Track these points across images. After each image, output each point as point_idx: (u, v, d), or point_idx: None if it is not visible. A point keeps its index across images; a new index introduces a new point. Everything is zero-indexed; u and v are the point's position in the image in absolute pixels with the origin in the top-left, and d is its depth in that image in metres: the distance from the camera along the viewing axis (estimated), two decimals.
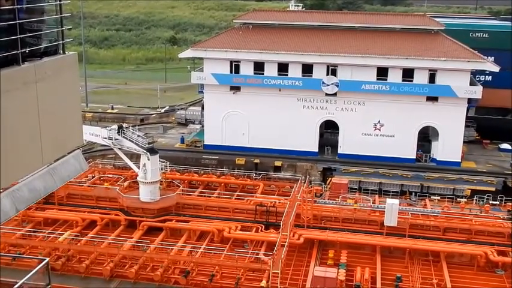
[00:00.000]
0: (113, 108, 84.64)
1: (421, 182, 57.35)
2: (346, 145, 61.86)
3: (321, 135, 64.71)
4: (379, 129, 61.20)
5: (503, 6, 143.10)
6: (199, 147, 65.68)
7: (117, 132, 42.37)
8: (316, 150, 62.80)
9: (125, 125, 45.92)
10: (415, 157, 61.26)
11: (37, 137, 9.86)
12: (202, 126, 68.64)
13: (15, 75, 9.25)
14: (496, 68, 58.50)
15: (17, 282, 9.60)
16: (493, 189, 55.02)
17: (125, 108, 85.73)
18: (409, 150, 60.99)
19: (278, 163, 60.87)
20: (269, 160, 61.28)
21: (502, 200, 47.54)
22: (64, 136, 10.96)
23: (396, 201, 40.48)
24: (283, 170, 59.66)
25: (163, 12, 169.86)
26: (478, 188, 55.13)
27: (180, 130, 73.17)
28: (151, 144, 45.09)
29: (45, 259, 10.49)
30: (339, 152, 62.50)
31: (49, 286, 10.29)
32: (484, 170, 59.22)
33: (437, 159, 60.88)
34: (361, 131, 61.43)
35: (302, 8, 79.24)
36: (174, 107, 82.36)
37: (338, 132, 62.83)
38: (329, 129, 66.57)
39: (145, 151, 42.28)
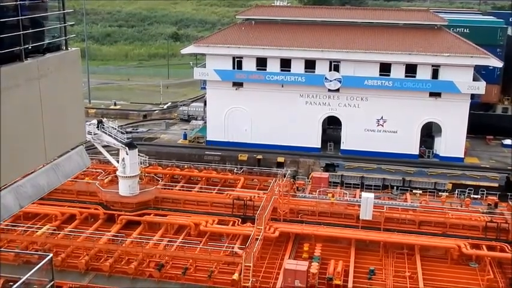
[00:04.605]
0: (115, 105, 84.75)
1: (402, 176, 57.12)
2: (349, 141, 61.80)
3: (324, 131, 64.66)
4: (382, 125, 61.10)
5: (507, 2, 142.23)
6: (201, 143, 65.67)
7: (97, 127, 42.34)
8: (319, 146, 62.76)
9: (104, 119, 45.83)
10: (418, 153, 61.19)
11: (40, 133, 9.87)
12: (205, 122, 68.64)
13: (18, 71, 9.25)
14: (499, 64, 58.31)
15: (19, 278, 9.59)
16: (496, 185, 54.84)
17: (128, 105, 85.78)
18: (412, 146, 60.90)
19: (281, 159, 60.81)
20: (272, 156, 61.25)
21: (483, 194, 47.18)
22: (67, 132, 10.98)
23: (371, 195, 40.39)
24: (285, 166, 59.54)
25: (166, 8, 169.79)
26: (481, 183, 54.73)
27: (182, 126, 73.24)
28: (130, 139, 45.13)
29: (48, 255, 10.47)
30: (341, 147, 62.45)
31: (52, 282, 10.26)
32: (487, 166, 59.08)
33: (440, 155, 60.79)
34: (364, 126, 61.33)
35: (287, 4, 78.52)
36: (176, 103, 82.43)
37: (341, 128, 62.77)
38: (332, 125, 66.50)
39: (123, 145, 42.33)
